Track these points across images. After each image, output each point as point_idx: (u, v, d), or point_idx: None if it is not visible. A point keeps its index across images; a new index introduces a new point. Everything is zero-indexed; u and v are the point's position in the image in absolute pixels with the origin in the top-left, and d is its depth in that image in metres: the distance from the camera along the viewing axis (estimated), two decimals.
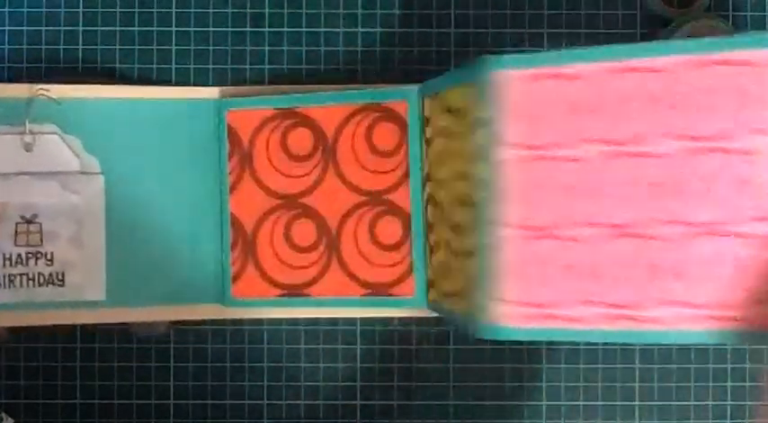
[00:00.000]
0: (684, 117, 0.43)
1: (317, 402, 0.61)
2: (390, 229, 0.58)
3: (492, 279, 0.47)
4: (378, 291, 0.58)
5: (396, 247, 0.58)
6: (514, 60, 0.46)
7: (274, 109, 0.60)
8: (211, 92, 0.60)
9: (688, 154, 0.43)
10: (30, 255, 0.59)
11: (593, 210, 0.44)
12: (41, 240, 0.59)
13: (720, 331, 0.43)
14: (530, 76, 0.45)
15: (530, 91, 0.45)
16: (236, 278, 0.60)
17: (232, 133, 0.60)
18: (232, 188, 0.60)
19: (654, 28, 0.62)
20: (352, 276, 0.59)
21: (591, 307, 0.45)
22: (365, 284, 0.59)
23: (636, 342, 0.45)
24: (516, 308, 0.46)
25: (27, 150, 0.58)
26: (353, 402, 0.61)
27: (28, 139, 0.59)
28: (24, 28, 0.62)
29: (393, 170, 0.58)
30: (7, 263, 0.58)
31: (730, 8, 0.62)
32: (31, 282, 0.59)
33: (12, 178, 0.59)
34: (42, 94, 0.58)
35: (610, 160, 0.44)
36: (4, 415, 0.59)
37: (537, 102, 0.45)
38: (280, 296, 0.60)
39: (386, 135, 0.58)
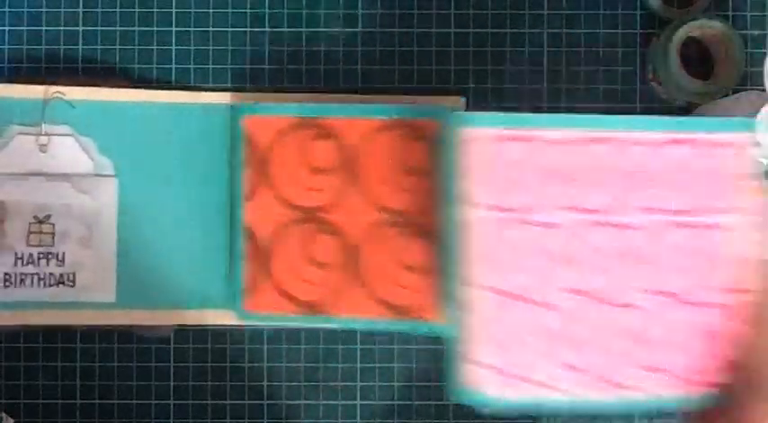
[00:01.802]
0: (657, 191, 0.44)
1: (317, 402, 0.61)
2: (417, 250, 0.56)
3: (466, 340, 0.45)
4: (402, 313, 0.56)
5: (423, 269, 0.55)
6: (486, 119, 0.45)
7: (296, 117, 0.58)
8: (226, 97, 0.60)
9: (662, 227, 0.44)
10: (41, 255, 0.59)
11: (566, 276, 0.44)
12: (53, 241, 0.59)
13: (695, 397, 0.44)
14: (502, 137, 0.45)
15: (501, 152, 0.45)
16: (249, 291, 0.59)
17: (249, 140, 0.59)
18: (247, 197, 0.58)
19: (654, 28, 0.62)
20: (374, 297, 0.57)
21: (569, 373, 0.44)
22: (388, 306, 0.56)
23: (618, 410, 0.46)
24: (492, 373, 0.44)
25: (42, 151, 0.59)
26: (353, 402, 0.61)
27: (43, 140, 0.59)
28: (24, 28, 0.62)
29: (423, 190, 0.55)
30: (19, 262, 0.59)
31: (730, 8, 0.62)
32: (41, 282, 0.59)
33: (26, 178, 0.59)
34: (58, 96, 0.58)
35: (583, 228, 0.44)
36: (4, 415, 0.59)
37: (509, 164, 0.45)
38: (296, 313, 0.58)
39: (416, 153, 0.56)
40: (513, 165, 0.45)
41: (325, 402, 0.61)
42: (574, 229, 0.44)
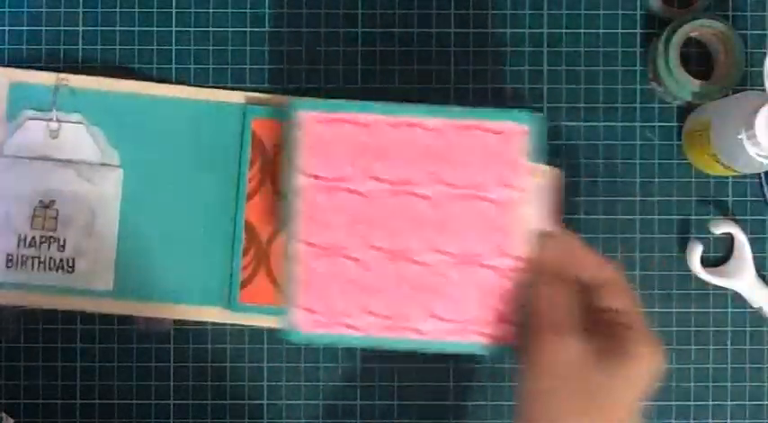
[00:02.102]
0: (449, 168, 0.52)
1: (317, 402, 0.61)
2: None
3: (291, 287, 0.53)
4: None
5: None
6: (314, 104, 0.54)
7: None
8: (238, 96, 0.61)
9: (450, 198, 0.52)
10: (44, 239, 0.60)
11: (372, 235, 0.53)
12: (56, 226, 0.60)
13: (472, 343, 0.52)
14: (326, 120, 0.54)
15: (325, 131, 0.54)
16: (245, 283, 0.60)
17: (256, 141, 0.60)
18: (250, 195, 0.60)
19: (654, 28, 0.62)
20: None
21: (369, 317, 0.53)
22: None
23: (406, 348, 0.53)
24: (308, 314, 0.53)
25: (52, 137, 0.59)
26: (353, 402, 0.61)
27: (54, 126, 0.60)
28: (24, 28, 0.62)
29: None
30: (22, 244, 0.59)
31: (730, 8, 0.62)
32: (42, 265, 0.60)
33: (35, 162, 0.60)
34: (64, 83, 0.59)
35: (388, 196, 0.53)
36: (4, 415, 0.59)
37: (331, 141, 0.54)
38: None
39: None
40: (330, 142, 0.54)
41: (324, 402, 0.61)
42: (376, 197, 0.53)
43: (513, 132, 0.52)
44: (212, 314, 0.60)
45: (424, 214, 0.52)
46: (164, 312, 0.60)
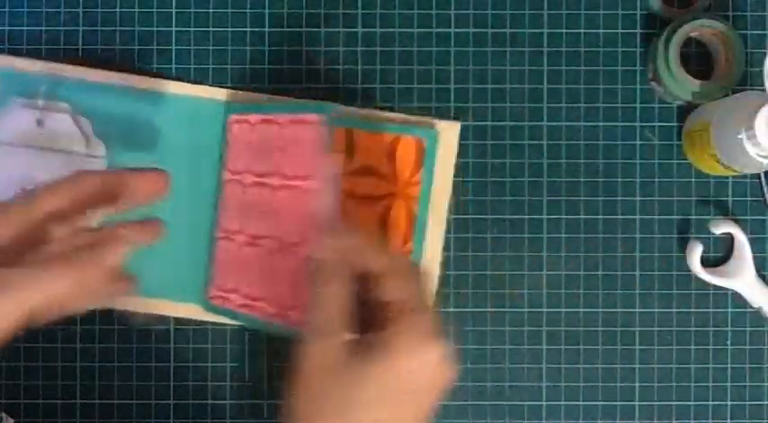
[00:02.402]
0: (284, 160, 0.54)
1: None
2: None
3: (209, 266, 0.59)
4: None
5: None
6: (236, 108, 0.59)
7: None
8: (225, 94, 0.60)
9: (280, 188, 0.54)
10: None
11: (243, 221, 0.57)
12: None
13: (288, 328, 0.53)
14: (236, 121, 0.59)
15: (235, 131, 0.59)
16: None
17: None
18: None
19: (654, 28, 0.62)
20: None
21: (233, 295, 0.58)
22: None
23: (252, 328, 0.58)
24: (215, 290, 0.59)
25: (39, 125, 0.59)
26: None
27: (40, 114, 0.59)
28: (24, 28, 0.62)
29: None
30: None
31: (730, 8, 0.62)
32: None
33: (19, 149, 0.59)
34: (53, 72, 0.59)
35: (253, 186, 0.57)
36: (4, 415, 0.59)
37: (236, 139, 0.58)
38: None
39: (408, 153, 0.59)
40: (236, 140, 0.58)
41: None
42: (248, 186, 0.57)
43: (316, 123, 0.52)
44: (187, 311, 0.60)
45: (268, 203, 0.55)
46: (139, 306, 0.60)
